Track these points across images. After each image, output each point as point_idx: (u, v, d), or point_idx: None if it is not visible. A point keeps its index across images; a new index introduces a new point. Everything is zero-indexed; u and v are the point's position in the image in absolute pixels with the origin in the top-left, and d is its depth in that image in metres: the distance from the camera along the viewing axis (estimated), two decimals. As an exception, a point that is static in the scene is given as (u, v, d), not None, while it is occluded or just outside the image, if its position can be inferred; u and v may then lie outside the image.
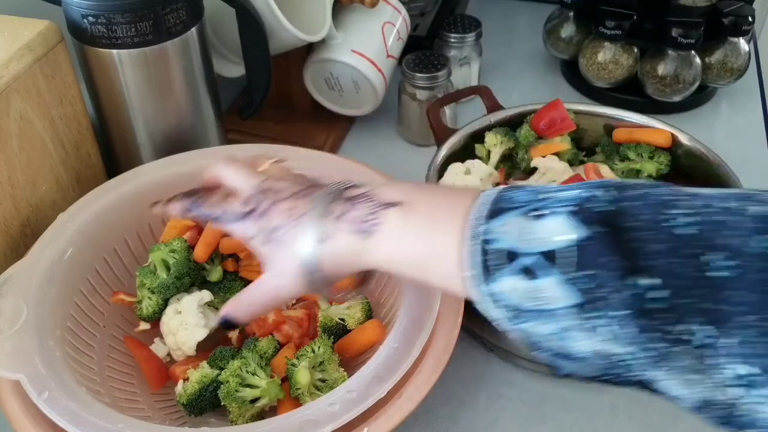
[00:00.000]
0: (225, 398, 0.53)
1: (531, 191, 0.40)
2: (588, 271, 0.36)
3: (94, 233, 0.60)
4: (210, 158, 0.66)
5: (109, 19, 0.62)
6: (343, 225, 0.46)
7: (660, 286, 0.34)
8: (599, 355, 0.37)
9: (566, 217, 0.37)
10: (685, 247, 0.34)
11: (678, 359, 0.34)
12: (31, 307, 0.53)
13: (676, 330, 0.34)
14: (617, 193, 0.38)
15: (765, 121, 0.93)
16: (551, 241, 0.37)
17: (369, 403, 0.46)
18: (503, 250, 0.38)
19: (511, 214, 0.39)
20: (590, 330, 0.36)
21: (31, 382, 0.48)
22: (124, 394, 0.56)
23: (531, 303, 0.38)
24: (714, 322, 0.33)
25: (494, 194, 0.41)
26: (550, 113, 0.77)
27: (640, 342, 0.35)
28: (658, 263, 0.34)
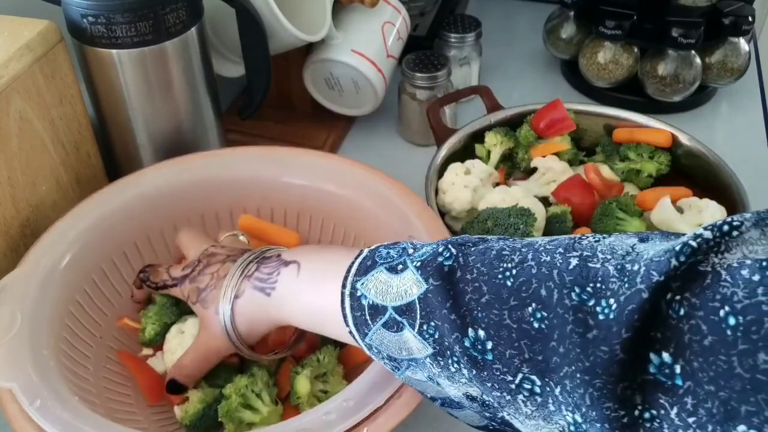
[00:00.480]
0: (223, 416, 0.52)
1: (402, 247, 0.43)
2: (432, 323, 0.39)
3: (91, 243, 0.60)
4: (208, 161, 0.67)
5: (109, 19, 0.62)
6: (251, 282, 0.51)
7: (485, 338, 0.36)
8: (468, 397, 0.39)
9: (413, 272, 0.40)
10: (509, 299, 0.36)
11: (518, 405, 0.36)
12: (26, 315, 0.52)
13: (507, 379, 0.36)
14: (464, 248, 0.40)
15: (765, 121, 0.93)
16: (402, 295, 0.40)
17: (366, 412, 0.46)
18: (369, 304, 0.42)
19: (378, 268, 0.42)
20: (450, 376, 0.39)
21: (23, 391, 0.47)
22: (120, 406, 0.56)
23: (401, 353, 0.41)
24: (538, 372, 0.34)
25: (372, 251, 0.45)
26: (550, 113, 0.77)
27: (484, 388, 0.37)
28: (484, 315, 0.36)
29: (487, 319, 0.36)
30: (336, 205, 0.65)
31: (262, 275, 0.50)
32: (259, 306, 0.50)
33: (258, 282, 0.50)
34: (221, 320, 0.51)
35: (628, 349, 0.31)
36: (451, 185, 0.71)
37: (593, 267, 0.34)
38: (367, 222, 0.63)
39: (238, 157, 0.67)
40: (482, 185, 0.71)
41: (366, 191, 0.63)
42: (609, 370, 0.31)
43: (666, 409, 0.30)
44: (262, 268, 0.51)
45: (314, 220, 0.67)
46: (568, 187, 0.70)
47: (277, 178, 0.66)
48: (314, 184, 0.65)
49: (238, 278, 0.51)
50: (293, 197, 0.66)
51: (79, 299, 0.58)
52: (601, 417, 0.32)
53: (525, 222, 0.63)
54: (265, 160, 0.67)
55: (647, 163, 0.74)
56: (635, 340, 0.31)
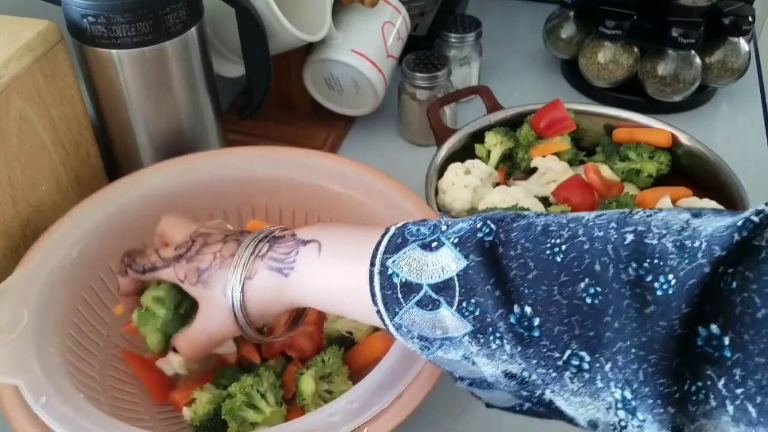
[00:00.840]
0: (227, 413, 0.52)
1: (433, 224, 0.42)
2: (472, 300, 0.38)
3: (98, 241, 0.60)
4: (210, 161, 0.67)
5: (109, 19, 0.62)
6: (265, 263, 0.48)
7: (532, 314, 0.35)
8: (507, 375, 0.38)
9: (450, 249, 0.39)
10: (559, 275, 0.35)
11: (564, 382, 0.36)
12: (32, 313, 0.52)
13: (554, 356, 0.35)
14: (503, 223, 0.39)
15: (765, 121, 0.93)
16: (439, 272, 0.39)
17: (370, 414, 0.46)
18: (402, 282, 0.40)
19: (410, 246, 0.41)
20: (490, 354, 0.38)
21: (29, 388, 0.47)
22: (126, 404, 0.56)
23: (434, 332, 0.40)
24: (588, 348, 0.34)
25: (401, 228, 0.43)
26: (550, 113, 0.77)
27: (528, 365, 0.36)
28: (531, 291, 0.36)
29: (535, 295, 0.35)
30: (342, 206, 0.65)
31: (278, 255, 0.48)
32: (274, 287, 0.48)
33: (273, 262, 0.48)
34: (230, 302, 0.49)
35: (685, 324, 0.31)
36: (451, 185, 0.71)
37: (650, 243, 0.34)
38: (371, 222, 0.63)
39: (240, 157, 0.67)
40: (482, 185, 0.71)
41: (370, 191, 0.63)
42: (666, 345, 0.31)
43: (713, 380, 0.31)
44: (277, 247, 0.48)
45: (323, 220, 0.67)
46: (568, 187, 0.70)
47: (286, 177, 0.66)
48: (322, 184, 0.65)
49: (248, 258, 0.49)
50: (302, 197, 0.66)
51: (86, 297, 0.58)
52: (654, 393, 0.32)
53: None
54: (274, 160, 0.67)
55: (647, 163, 0.74)
56: (692, 315, 0.31)
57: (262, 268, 0.48)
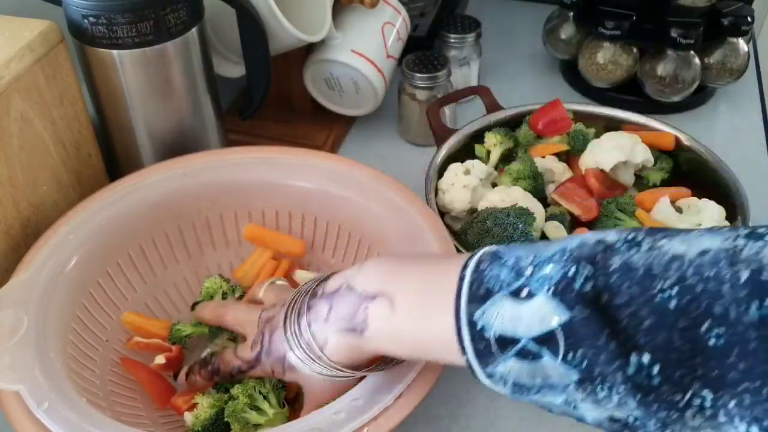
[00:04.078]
0: (229, 415, 0.53)
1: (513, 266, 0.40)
2: (579, 351, 0.36)
3: (96, 246, 0.60)
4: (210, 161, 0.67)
5: (110, 20, 0.62)
6: (332, 326, 0.46)
7: (651, 362, 0.35)
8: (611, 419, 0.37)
9: (548, 299, 0.37)
10: (677, 321, 0.34)
11: (684, 420, 0.35)
12: (32, 318, 0.52)
13: (675, 399, 0.34)
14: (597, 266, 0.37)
15: (764, 122, 0.94)
16: (539, 324, 0.37)
17: (375, 411, 0.46)
18: (497, 336, 0.39)
19: (497, 297, 0.39)
20: (595, 402, 0.37)
21: (30, 394, 0.47)
22: (127, 409, 0.56)
23: (533, 381, 0.38)
24: (711, 387, 0.34)
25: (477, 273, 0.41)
26: (549, 113, 0.77)
27: (647, 411, 0.35)
28: (649, 339, 0.35)
29: (653, 343, 0.34)
30: (340, 207, 0.65)
31: (344, 314, 0.46)
32: (353, 346, 0.46)
33: (343, 323, 0.46)
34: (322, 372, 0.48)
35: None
36: (451, 185, 0.71)
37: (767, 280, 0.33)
38: (370, 222, 0.63)
39: (240, 157, 0.67)
40: (482, 185, 0.71)
41: (368, 192, 0.63)
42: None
43: None
44: (337, 305, 0.46)
45: (319, 222, 0.67)
46: (567, 187, 0.71)
47: (282, 180, 0.66)
48: (318, 186, 0.65)
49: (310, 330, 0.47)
50: (298, 199, 0.66)
51: (85, 302, 0.58)
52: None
53: (524, 222, 0.63)
54: (270, 162, 0.67)
55: (653, 173, 0.74)
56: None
57: (332, 332, 0.46)
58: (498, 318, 0.38)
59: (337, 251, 0.67)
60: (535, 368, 0.38)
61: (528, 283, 0.38)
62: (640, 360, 0.35)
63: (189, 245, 0.66)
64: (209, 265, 0.68)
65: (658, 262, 0.36)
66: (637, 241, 0.38)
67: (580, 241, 0.39)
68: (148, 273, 0.64)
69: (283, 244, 0.67)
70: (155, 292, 0.65)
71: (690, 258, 0.35)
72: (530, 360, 0.38)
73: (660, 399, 0.35)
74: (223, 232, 0.67)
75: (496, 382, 0.40)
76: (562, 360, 0.37)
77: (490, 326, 0.39)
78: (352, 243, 0.66)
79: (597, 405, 0.37)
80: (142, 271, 0.64)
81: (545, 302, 0.37)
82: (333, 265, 0.67)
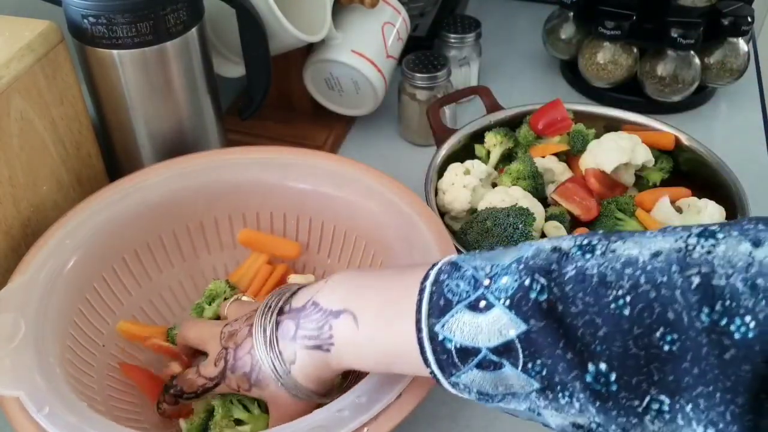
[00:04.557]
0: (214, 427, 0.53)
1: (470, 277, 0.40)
2: (538, 361, 0.37)
3: (92, 251, 0.60)
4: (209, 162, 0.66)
5: (110, 20, 0.62)
6: (300, 343, 0.47)
7: (608, 370, 0.35)
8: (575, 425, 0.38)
9: (504, 311, 0.38)
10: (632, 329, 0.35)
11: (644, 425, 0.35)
12: (29, 323, 0.52)
13: (634, 404, 0.35)
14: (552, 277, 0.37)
15: (764, 122, 0.94)
16: (496, 335, 0.38)
17: (379, 408, 0.46)
18: (457, 347, 0.39)
19: (456, 308, 0.40)
20: (558, 409, 0.38)
21: (30, 399, 0.47)
22: (126, 413, 0.56)
23: (496, 389, 0.39)
24: (668, 392, 0.34)
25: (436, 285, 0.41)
26: (549, 113, 0.77)
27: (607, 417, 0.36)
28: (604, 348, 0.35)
29: (609, 351, 0.35)
30: (336, 207, 0.65)
31: (310, 332, 0.46)
32: (320, 362, 0.47)
33: (309, 340, 0.47)
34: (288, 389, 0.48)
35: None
36: (451, 185, 0.71)
37: (717, 284, 0.33)
38: (368, 222, 0.63)
39: (237, 158, 0.67)
40: (482, 185, 0.71)
41: (367, 192, 0.63)
42: (753, 386, 0.31)
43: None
44: (304, 323, 0.47)
45: (314, 222, 0.67)
46: (567, 187, 0.71)
47: (276, 182, 0.66)
48: (315, 185, 0.65)
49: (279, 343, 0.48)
50: (294, 199, 0.66)
51: (81, 307, 0.58)
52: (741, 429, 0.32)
53: (524, 222, 0.63)
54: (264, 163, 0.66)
55: (653, 173, 0.74)
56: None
57: (299, 349, 0.47)
58: (458, 330, 0.39)
59: (332, 251, 0.67)
60: (497, 378, 0.39)
61: (485, 295, 0.39)
62: (598, 368, 0.35)
63: (184, 249, 0.66)
64: (204, 268, 0.68)
65: (612, 268, 0.36)
66: (592, 245, 0.38)
67: (536, 250, 0.39)
68: (143, 277, 0.64)
69: (278, 248, 0.67)
70: (151, 296, 0.64)
71: (643, 262, 0.36)
72: (491, 370, 0.39)
73: (619, 405, 0.35)
74: (217, 235, 0.67)
75: (461, 391, 0.41)
76: (522, 370, 0.37)
77: (451, 338, 0.39)
78: (348, 243, 0.66)
79: (559, 412, 0.38)
80: (138, 276, 0.64)
81: (502, 314, 0.38)
82: (329, 266, 0.67)
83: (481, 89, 0.82)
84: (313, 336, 0.46)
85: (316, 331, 0.46)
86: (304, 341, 0.47)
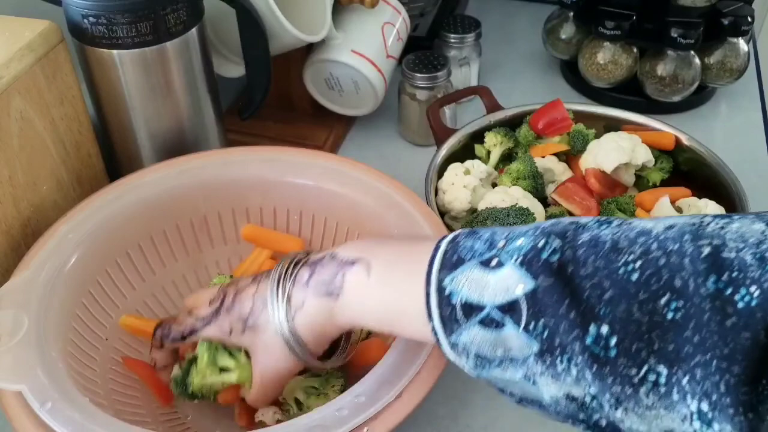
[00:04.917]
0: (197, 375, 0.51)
1: (487, 239, 0.41)
2: (541, 321, 0.37)
3: (95, 245, 0.60)
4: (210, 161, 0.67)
5: (110, 20, 0.62)
6: (311, 290, 0.47)
7: (609, 333, 0.35)
8: (568, 397, 0.38)
9: (515, 268, 0.38)
10: (637, 293, 0.35)
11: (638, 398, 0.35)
12: (32, 319, 0.52)
13: (631, 373, 0.35)
14: (566, 240, 0.38)
15: (764, 122, 0.94)
16: (504, 292, 0.38)
17: (378, 407, 0.46)
18: (462, 302, 0.39)
19: (468, 264, 0.40)
20: (554, 376, 0.37)
21: (33, 393, 0.47)
22: (129, 408, 0.56)
23: (494, 352, 0.39)
24: (666, 362, 0.34)
25: (452, 244, 0.42)
26: (549, 113, 0.77)
27: (602, 385, 0.36)
28: (608, 311, 0.35)
29: (612, 315, 0.35)
30: (339, 204, 0.65)
31: (323, 278, 0.46)
32: (326, 312, 0.46)
33: (321, 286, 0.46)
34: (285, 340, 0.47)
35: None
36: (451, 185, 0.71)
37: (727, 257, 0.34)
38: (370, 221, 0.63)
39: (239, 157, 0.67)
40: (482, 185, 0.71)
41: (369, 190, 0.63)
42: (752, 354, 0.32)
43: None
44: (320, 270, 0.47)
45: (317, 219, 0.67)
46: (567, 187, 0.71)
47: (279, 178, 0.66)
48: (316, 183, 0.65)
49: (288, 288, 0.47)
50: (295, 197, 0.66)
51: (85, 302, 0.58)
52: (735, 402, 0.32)
53: (524, 222, 0.63)
54: (267, 160, 0.67)
55: (653, 173, 0.74)
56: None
57: (309, 296, 0.47)
58: (466, 285, 0.39)
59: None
60: (497, 338, 0.39)
61: (499, 254, 0.39)
62: (599, 330, 0.35)
63: (187, 243, 0.66)
64: (208, 263, 0.68)
65: (626, 236, 0.37)
66: (609, 221, 0.39)
67: (555, 220, 0.40)
68: (146, 271, 0.64)
69: (281, 244, 0.67)
70: (154, 291, 0.65)
71: (656, 232, 0.36)
72: (493, 328, 0.38)
73: (616, 372, 0.35)
74: (221, 230, 0.67)
75: (459, 354, 0.41)
76: (523, 329, 0.37)
77: (458, 292, 0.40)
78: (350, 239, 0.66)
79: (555, 380, 0.37)
80: (141, 270, 0.64)
81: (512, 271, 0.38)
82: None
83: (481, 89, 0.82)
84: (325, 282, 0.46)
85: (329, 278, 0.46)
86: (317, 288, 0.46)
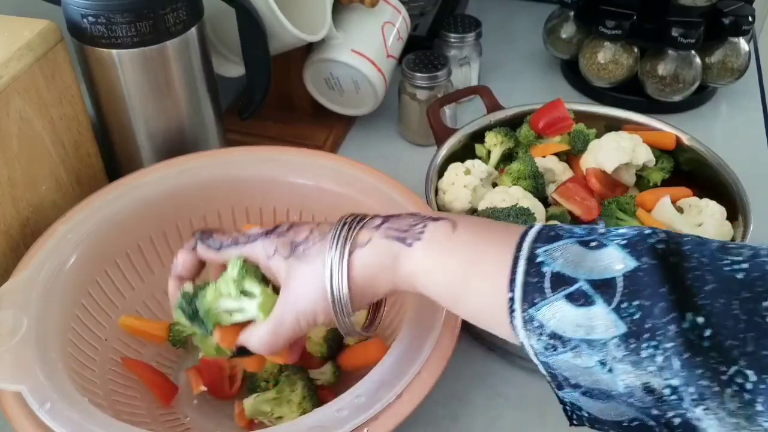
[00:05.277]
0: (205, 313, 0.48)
1: (586, 227, 0.40)
2: (635, 302, 0.36)
3: (95, 246, 0.60)
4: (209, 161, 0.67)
5: (109, 19, 0.62)
6: (381, 232, 0.43)
7: (705, 325, 0.34)
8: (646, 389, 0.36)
9: (618, 249, 0.37)
10: (740, 291, 0.34)
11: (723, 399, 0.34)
12: (32, 319, 0.52)
13: (720, 369, 0.34)
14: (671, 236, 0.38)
15: (765, 121, 0.93)
16: (600, 269, 0.37)
17: (378, 408, 0.46)
18: (554, 272, 0.38)
19: (566, 240, 0.39)
20: (635, 363, 0.36)
21: (32, 394, 0.47)
22: (128, 408, 0.56)
23: (575, 331, 0.37)
24: (757, 367, 0.33)
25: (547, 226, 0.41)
26: (550, 112, 0.77)
27: (685, 376, 0.35)
28: (708, 302, 0.35)
29: (711, 307, 0.34)
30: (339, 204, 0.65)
31: (399, 225, 0.43)
32: (391, 257, 0.43)
33: (394, 232, 0.43)
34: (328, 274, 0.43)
35: None
36: (451, 185, 0.71)
37: None
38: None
39: (239, 157, 0.67)
40: (482, 185, 0.71)
41: (368, 190, 0.63)
42: None
43: None
44: (395, 220, 0.44)
45: (317, 218, 0.67)
46: (567, 187, 0.70)
47: (279, 178, 0.66)
48: (316, 183, 0.65)
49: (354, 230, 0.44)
50: (295, 197, 0.66)
51: (84, 302, 0.58)
52: None
53: (524, 222, 0.63)
54: (267, 160, 0.67)
55: (654, 173, 0.74)
56: None
57: (377, 236, 0.43)
58: (561, 257, 0.38)
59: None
60: (583, 315, 0.37)
61: (599, 238, 0.39)
62: (695, 320, 0.34)
63: (187, 243, 0.66)
64: (207, 263, 0.68)
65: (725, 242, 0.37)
66: None
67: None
68: (146, 272, 0.64)
69: None
70: (153, 291, 0.65)
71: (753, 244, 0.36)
72: (580, 305, 0.37)
73: (706, 364, 0.34)
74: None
75: (531, 331, 0.38)
76: (614, 308, 0.36)
77: (550, 262, 0.38)
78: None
79: (636, 366, 0.36)
80: (141, 270, 0.64)
81: (614, 251, 0.37)
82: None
83: (482, 89, 0.82)
84: (401, 230, 0.43)
85: (406, 226, 0.43)
86: (388, 231, 0.43)
